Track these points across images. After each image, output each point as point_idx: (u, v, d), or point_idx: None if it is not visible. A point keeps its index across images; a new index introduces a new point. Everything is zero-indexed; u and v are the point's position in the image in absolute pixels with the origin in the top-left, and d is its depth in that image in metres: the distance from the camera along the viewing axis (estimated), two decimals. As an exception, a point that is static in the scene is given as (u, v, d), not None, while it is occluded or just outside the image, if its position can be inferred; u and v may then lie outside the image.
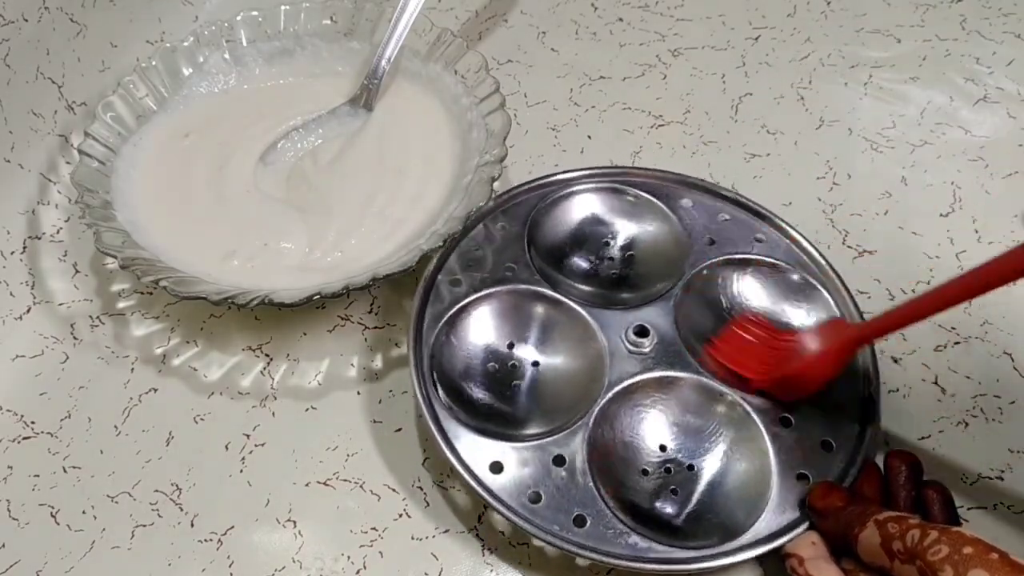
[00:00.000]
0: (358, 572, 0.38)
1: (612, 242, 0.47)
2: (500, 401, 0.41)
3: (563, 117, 0.56)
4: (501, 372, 0.42)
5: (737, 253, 0.45)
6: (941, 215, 0.50)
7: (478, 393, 0.41)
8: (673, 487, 0.39)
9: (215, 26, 0.54)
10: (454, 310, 0.43)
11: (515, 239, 0.46)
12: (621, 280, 0.46)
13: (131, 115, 0.51)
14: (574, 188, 0.48)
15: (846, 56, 0.59)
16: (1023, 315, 0.45)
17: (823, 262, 0.44)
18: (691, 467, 0.39)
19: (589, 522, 0.37)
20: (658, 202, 0.47)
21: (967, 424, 0.42)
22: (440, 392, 0.40)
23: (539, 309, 0.43)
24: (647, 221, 0.47)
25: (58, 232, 0.51)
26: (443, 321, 0.42)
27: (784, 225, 0.46)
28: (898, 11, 0.62)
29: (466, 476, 0.37)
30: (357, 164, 0.50)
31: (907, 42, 0.60)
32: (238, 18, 0.54)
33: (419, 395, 0.39)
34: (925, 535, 0.30)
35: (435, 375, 0.41)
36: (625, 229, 0.48)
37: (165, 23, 0.60)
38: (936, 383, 0.43)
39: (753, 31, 0.62)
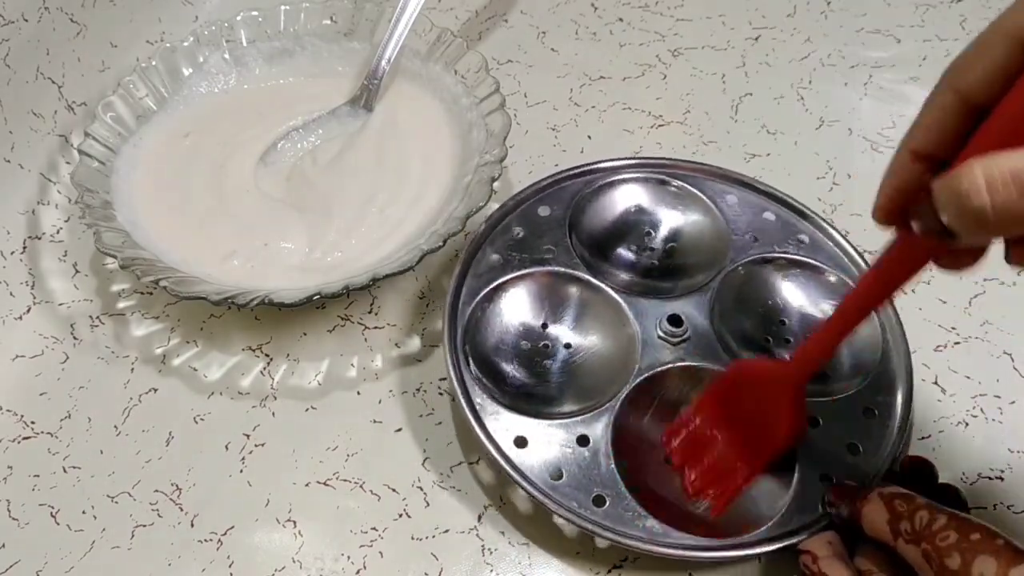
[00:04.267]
0: (358, 572, 0.38)
1: (653, 233, 0.47)
2: (529, 379, 0.42)
3: (563, 117, 0.56)
4: (533, 351, 0.43)
5: (777, 252, 0.45)
6: (941, 215, 0.50)
7: (508, 369, 0.42)
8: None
9: (215, 26, 0.54)
10: (491, 286, 0.43)
11: (557, 223, 0.46)
12: (660, 270, 0.46)
13: (131, 115, 0.51)
14: (619, 177, 0.48)
15: (846, 56, 0.59)
16: (1023, 315, 0.45)
17: (863, 264, 0.44)
18: None
19: (608, 503, 0.37)
20: (702, 196, 0.47)
21: (967, 424, 0.42)
22: (471, 365, 0.41)
23: (574, 292, 0.44)
24: (690, 214, 0.48)
25: (58, 232, 0.51)
26: (479, 296, 0.43)
27: (828, 227, 0.46)
28: (898, 11, 0.62)
29: (489, 447, 0.38)
30: (357, 164, 0.50)
31: (907, 42, 0.60)
32: (238, 18, 0.54)
33: (450, 364, 0.40)
34: (934, 519, 0.30)
35: (467, 347, 0.41)
36: (667, 221, 0.48)
37: (165, 23, 0.60)
38: (936, 383, 0.43)
39: (753, 31, 0.62)
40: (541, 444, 0.38)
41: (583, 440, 0.39)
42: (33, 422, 0.43)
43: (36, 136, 0.51)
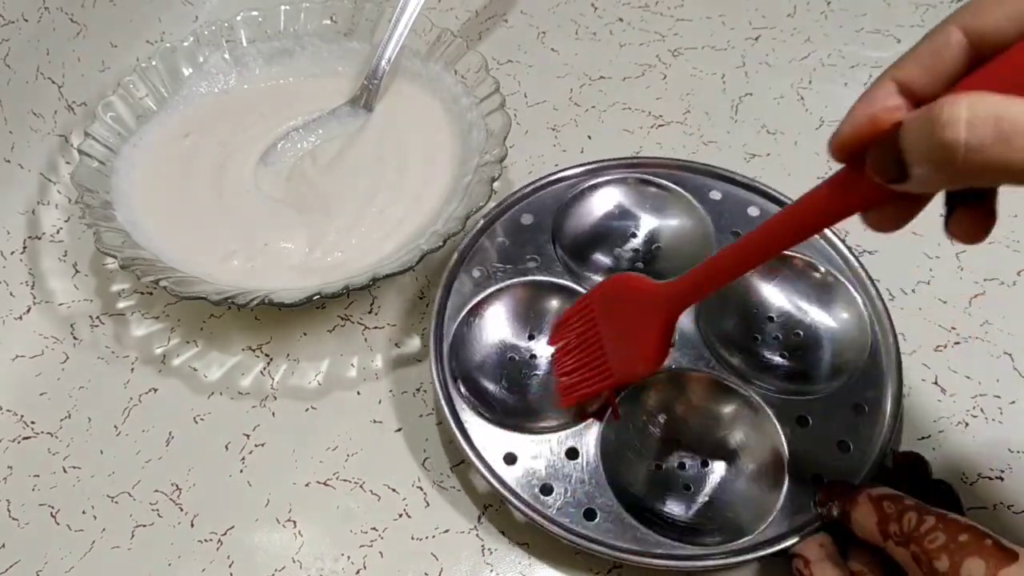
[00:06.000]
0: (358, 572, 0.38)
1: (637, 234, 0.47)
2: (517, 392, 0.42)
3: (563, 117, 0.56)
4: (520, 363, 0.43)
5: None
6: (941, 215, 0.50)
7: (496, 383, 0.42)
8: (686, 483, 0.39)
9: (215, 26, 0.54)
10: (476, 300, 0.43)
11: (540, 230, 0.46)
12: (645, 274, 0.46)
13: (131, 115, 0.51)
14: (601, 179, 0.48)
15: (846, 56, 0.59)
16: (1023, 315, 0.45)
17: (853, 260, 0.44)
18: (705, 463, 0.39)
19: (599, 516, 0.37)
20: (686, 194, 0.47)
21: (967, 424, 0.42)
22: (458, 382, 0.41)
23: (560, 301, 0.44)
24: (674, 214, 0.47)
25: (58, 232, 0.51)
26: (465, 311, 0.43)
27: None
28: (898, 11, 0.62)
29: (479, 466, 0.38)
30: (357, 164, 0.50)
31: (907, 42, 0.59)
32: (238, 18, 0.54)
33: (437, 384, 0.40)
34: (922, 520, 0.30)
35: (454, 364, 0.41)
36: (651, 222, 0.48)
37: (165, 23, 0.60)
38: (936, 383, 0.43)
39: (753, 31, 0.62)
40: (530, 459, 0.38)
41: (572, 453, 0.39)
42: (33, 422, 0.43)
43: (36, 136, 0.51)
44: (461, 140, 0.50)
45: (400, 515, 0.40)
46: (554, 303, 0.44)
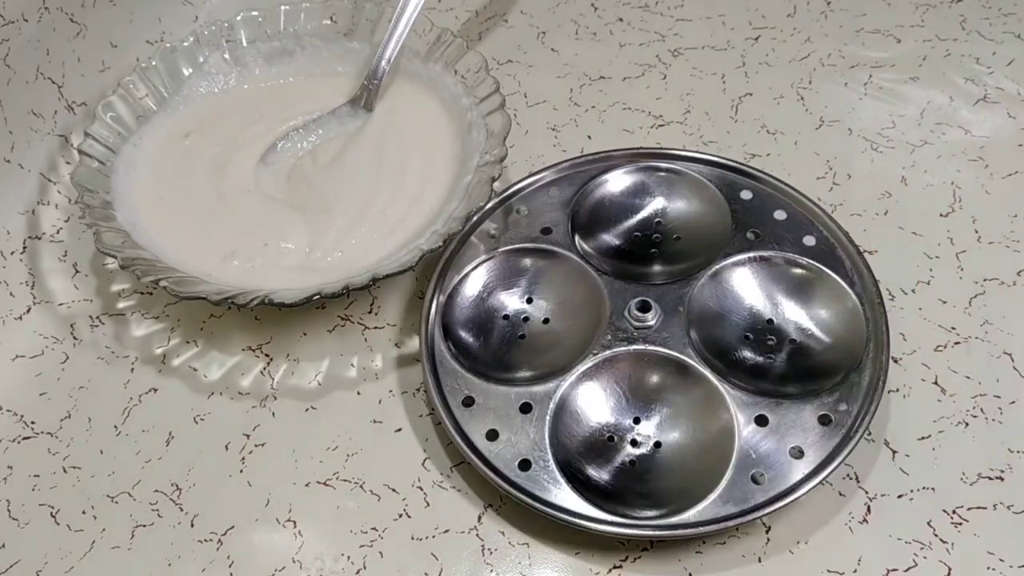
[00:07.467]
0: (358, 572, 0.38)
1: (654, 222, 0.49)
2: (495, 346, 0.44)
3: (563, 117, 0.56)
4: (511, 321, 0.45)
5: (776, 251, 0.45)
6: (941, 215, 0.50)
7: (479, 335, 0.44)
8: (632, 459, 0.40)
9: (215, 26, 0.54)
10: (475, 263, 0.46)
11: (561, 205, 0.48)
12: (651, 259, 0.47)
13: (131, 115, 0.51)
14: (636, 165, 0.50)
15: (846, 56, 0.59)
16: (1023, 315, 0.45)
17: (863, 268, 0.44)
18: (659, 444, 0.40)
19: (533, 467, 0.39)
20: (716, 191, 0.48)
21: (967, 424, 0.42)
22: (442, 332, 0.43)
23: (557, 270, 0.46)
24: (698, 207, 0.49)
25: (58, 232, 0.51)
26: (467, 269, 0.45)
27: (840, 234, 0.45)
28: (898, 11, 0.62)
29: (436, 401, 0.40)
30: (357, 164, 0.50)
31: (907, 42, 0.60)
32: (238, 18, 0.54)
33: (423, 318, 0.43)
34: None
35: (444, 316, 0.44)
36: (672, 211, 0.49)
37: (165, 23, 0.60)
38: (936, 383, 0.43)
39: (753, 31, 0.62)
40: (485, 405, 0.41)
41: (526, 407, 0.40)
42: (33, 422, 0.43)
43: (36, 136, 0.51)
44: (461, 140, 0.50)
45: (400, 515, 0.40)
46: (549, 270, 0.46)
